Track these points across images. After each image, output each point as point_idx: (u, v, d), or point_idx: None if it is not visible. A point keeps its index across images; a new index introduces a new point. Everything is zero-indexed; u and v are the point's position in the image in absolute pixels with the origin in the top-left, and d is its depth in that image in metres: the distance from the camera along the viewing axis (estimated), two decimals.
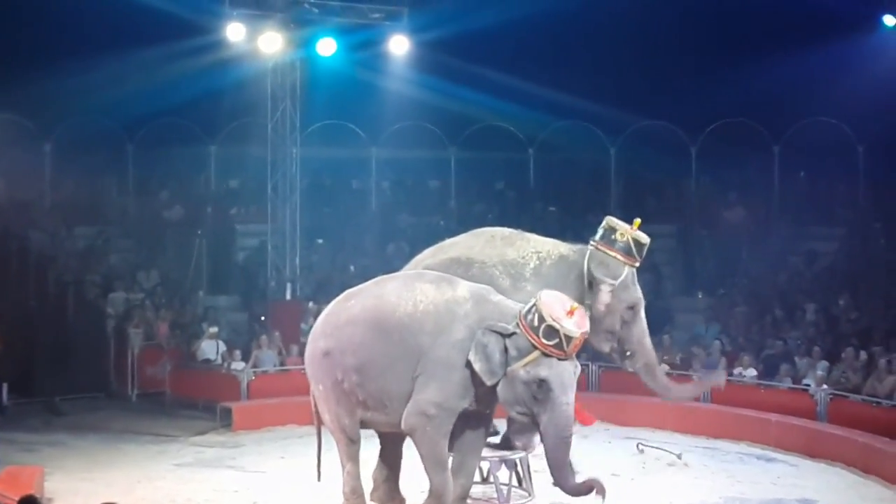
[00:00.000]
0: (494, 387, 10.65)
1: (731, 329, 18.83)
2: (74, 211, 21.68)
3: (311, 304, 20.23)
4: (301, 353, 18.11)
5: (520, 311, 10.66)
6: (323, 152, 22.38)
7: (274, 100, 19.16)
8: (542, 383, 10.53)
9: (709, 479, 13.72)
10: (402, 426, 10.94)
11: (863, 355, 16.08)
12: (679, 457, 14.47)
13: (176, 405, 17.87)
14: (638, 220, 11.72)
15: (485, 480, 12.07)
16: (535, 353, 10.48)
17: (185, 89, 20.84)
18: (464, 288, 11.05)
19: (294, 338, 18.57)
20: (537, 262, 11.73)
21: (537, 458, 12.09)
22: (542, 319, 10.41)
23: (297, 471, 13.97)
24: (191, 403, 17.73)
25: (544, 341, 10.43)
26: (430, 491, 11.08)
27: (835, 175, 22.27)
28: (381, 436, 11.60)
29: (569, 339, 10.41)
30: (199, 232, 21.87)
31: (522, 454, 12.22)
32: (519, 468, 12.33)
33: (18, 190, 21.11)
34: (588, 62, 22.42)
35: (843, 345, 16.65)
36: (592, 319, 11.18)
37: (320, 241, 22.67)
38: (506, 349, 10.55)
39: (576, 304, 10.67)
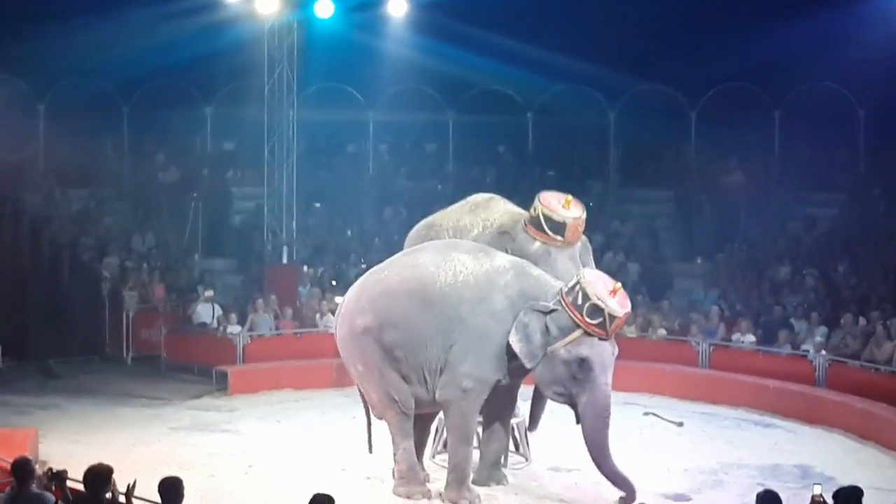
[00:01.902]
0: None
1: (730, 294, 18.76)
2: (69, 173, 21.50)
3: (307, 267, 20.16)
4: (296, 317, 18.18)
5: (561, 289, 10.63)
6: (320, 115, 22.23)
7: (271, 62, 18.98)
8: (583, 363, 10.50)
9: (707, 444, 13.70)
10: (437, 397, 10.88)
11: (862, 321, 16.03)
12: (680, 425, 14.42)
13: (171, 369, 17.80)
14: (569, 198, 11.52)
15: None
16: (578, 332, 10.47)
17: (181, 50, 20.63)
18: (502, 258, 11.03)
19: (290, 301, 18.50)
20: (479, 231, 11.66)
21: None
22: (586, 298, 10.38)
23: (292, 434, 13.95)
24: (186, 367, 17.66)
25: (588, 320, 10.41)
26: (452, 465, 11.04)
27: (835, 140, 22.13)
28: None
29: (612, 318, 10.42)
30: (195, 195, 21.73)
31: (520, 419, 12.18)
32: (516, 433, 12.29)
33: (12, 151, 20.92)
34: (588, 25, 22.20)
35: (842, 311, 16.61)
36: None
37: (317, 204, 22.55)
38: (546, 328, 10.50)
39: (618, 284, 10.64)
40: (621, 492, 10.77)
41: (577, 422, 10.87)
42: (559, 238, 11.38)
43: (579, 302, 10.41)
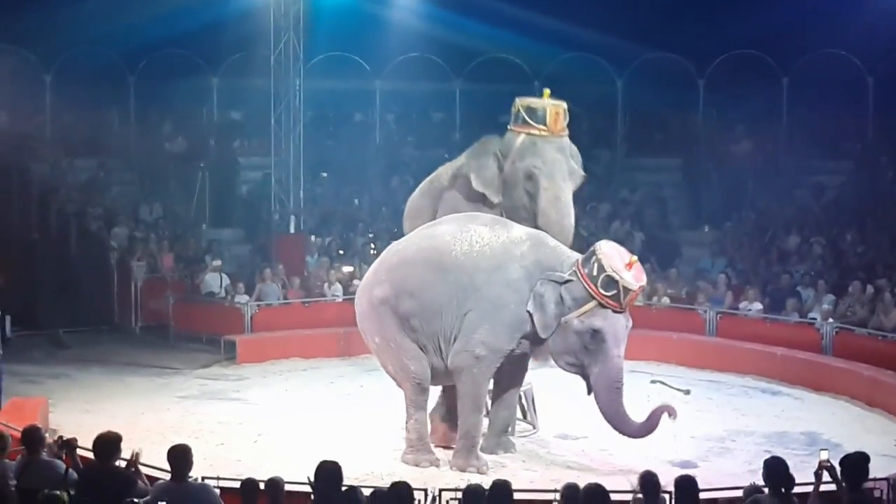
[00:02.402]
0: None
1: (738, 262, 18.75)
2: (76, 143, 21.48)
3: (314, 237, 20.17)
4: (304, 286, 18.20)
5: (577, 260, 10.66)
6: (327, 84, 22.15)
7: (277, 31, 18.92)
8: (596, 334, 10.54)
9: (714, 412, 13.72)
10: (449, 364, 10.92)
11: (869, 289, 16.00)
12: (687, 393, 14.45)
13: (180, 338, 17.84)
14: (547, 91, 11.71)
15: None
16: (592, 303, 10.51)
17: (187, 20, 20.59)
18: (519, 230, 11.06)
19: (298, 271, 18.53)
20: (469, 154, 11.96)
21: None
22: (601, 269, 10.42)
23: (300, 402, 14.00)
24: (194, 336, 17.71)
25: (602, 292, 10.44)
26: (462, 432, 11.08)
27: (843, 108, 22.06)
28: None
29: (627, 291, 10.44)
30: (202, 164, 21.73)
31: (527, 387, 12.20)
32: (524, 401, 12.32)
33: (19, 121, 20.95)
34: None
35: (850, 278, 16.57)
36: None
37: (324, 174, 22.56)
38: (561, 298, 10.53)
39: (634, 257, 10.66)
40: (654, 424, 10.67)
41: (589, 392, 10.90)
42: (542, 126, 11.43)
43: (594, 273, 10.44)
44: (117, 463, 7.48)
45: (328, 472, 6.99)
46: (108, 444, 7.39)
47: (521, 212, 11.51)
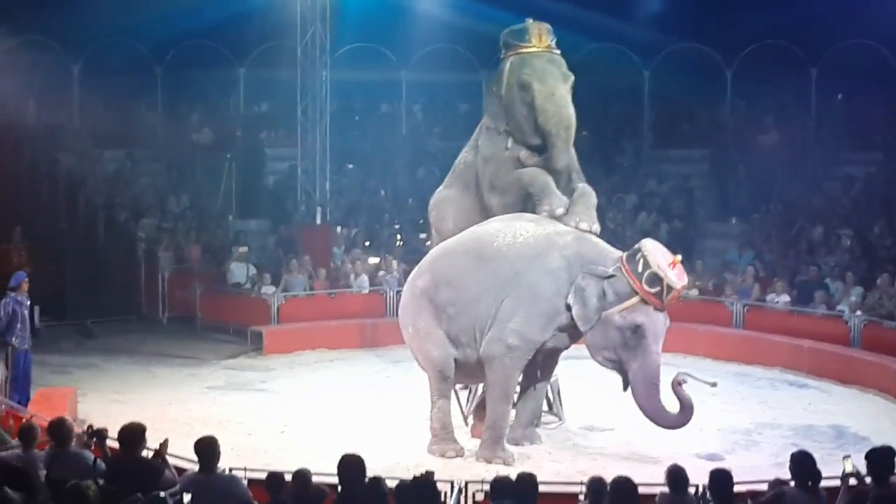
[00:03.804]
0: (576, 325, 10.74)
1: (765, 255, 18.64)
2: (103, 134, 21.58)
3: (340, 228, 20.19)
4: (330, 277, 18.23)
5: (621, 256, 10.78)
6: (353, 75, 22.16)
7: (304, 22, 18.91)
8: (637, 329, 10.62)
9: (740, 404, 13.68)
10: (481, 352, 10.95)
11: None
12: (713, 385, 14.36)
13: (206, 329, 17.92)
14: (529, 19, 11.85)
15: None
16: (634, 299, 10.61)
17: (214, 11, 20.66)
18: (565, 227, 11.15)
19: (324, 262, 18.55)
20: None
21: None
22: (647, 266, 10.55)
23: (326, 394, 14.04)
24: (221, 327, 17.78)
25: (646, 288, 10.54)
26: (489, 423, 11.09)
27: (873, 99, 21.86)
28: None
29: (670, 289, 10.57)
30: (229, 155, 21.79)
31: (553, 379, 12.19)
32: (550, 392, 12.31)
33: (47, 113, 21.04)
34: None
35: (879, 271, 16.45)
36: None
37: (350, 165, 22.57)
38: (603, 293, 10.63)
39: (678, 257, 10.78)
40: (689, 411, 10.81)
41: (625, 388, 10.95)
42: (527, 44, 11.62)
43: (639, 269, 10.56)
44: (144, 453, 7.53)
45: (350, 465, 7.00)
46: (132, 434, 7.44)
47: (524, 127, 11.51)
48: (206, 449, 7.21)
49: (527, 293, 10.78)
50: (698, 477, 7.45)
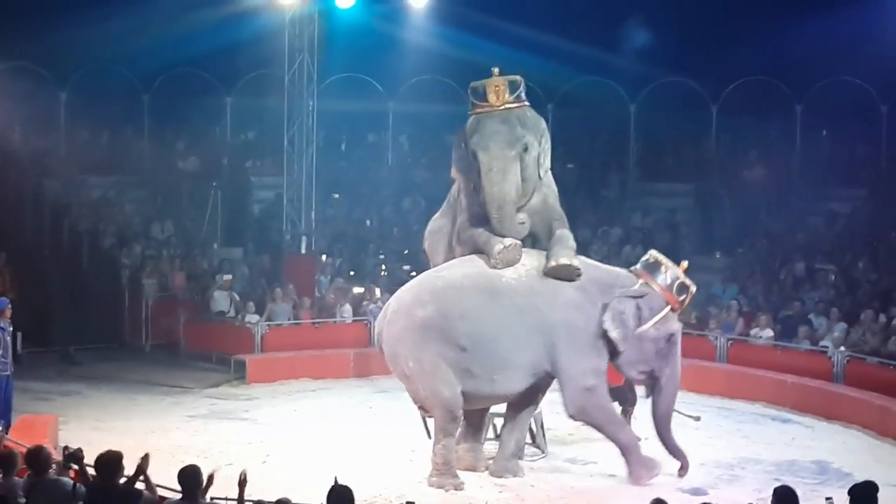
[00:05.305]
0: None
1: (749, 289, 18.68)
2: (89, 161, 21.55)
3: (325, 257, 20.18)
4: (314, 306, 18.19)
5: (636, 272, 11.16)
6: (340, 105, 22.18)
7: (291, 52, 18.98)
8: (671, 337, 11.08)
9: (724, 438, 13.67)
10: (570, 411, 11.20)
11: (881, 317, 15.93)
12: (697, 419, 14.38)
13: (190, 357, 17.86)
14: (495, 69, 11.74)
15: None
16: (666, 310, 10.97)
17: (203, 40, 20.64)
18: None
19: (308, 291, 18.53)
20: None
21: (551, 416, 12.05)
22: (675, 276, 10.99)
23: (310, 423, 13.98)
24: (205, 355, 17.72)
25: (677, 297, 11.01)
26: (624, 450, 11.29)
27: (857, 135, 22.02)
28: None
29: (691, 294, 11.11)
30: (215, 183, 21.79)
31: (536, 411, 12.17)
32: (532, 425, 12.28)
33: (33, 138, 21.00)
34: (609, 17, 22.12)
35: (862, 307, 16.51)
36: None
37: (336, 195, 22.58)
38: (637, 310, 10.92)
39: (685, 263, 11.33)
40: (678, 462, 11.43)
41: (648, 396, 11.40)
42: (483, 103, 11.58)
43: (668, 282, 10.98)
44: (122, 480, 7.45)
45: (340, 494, 6.96)
46: (108, 462, 7.34)
47: (479, 191, 11.48)
48: (189, 478, 7.16)
49: (571, 337, 10.96)
50: None
